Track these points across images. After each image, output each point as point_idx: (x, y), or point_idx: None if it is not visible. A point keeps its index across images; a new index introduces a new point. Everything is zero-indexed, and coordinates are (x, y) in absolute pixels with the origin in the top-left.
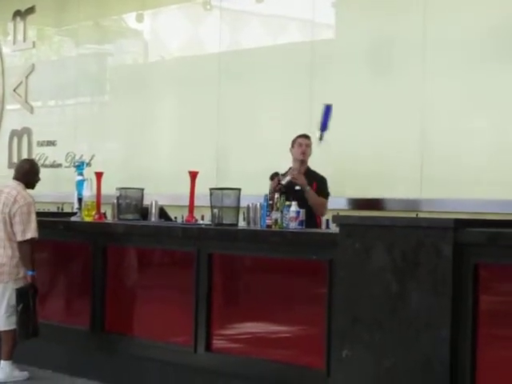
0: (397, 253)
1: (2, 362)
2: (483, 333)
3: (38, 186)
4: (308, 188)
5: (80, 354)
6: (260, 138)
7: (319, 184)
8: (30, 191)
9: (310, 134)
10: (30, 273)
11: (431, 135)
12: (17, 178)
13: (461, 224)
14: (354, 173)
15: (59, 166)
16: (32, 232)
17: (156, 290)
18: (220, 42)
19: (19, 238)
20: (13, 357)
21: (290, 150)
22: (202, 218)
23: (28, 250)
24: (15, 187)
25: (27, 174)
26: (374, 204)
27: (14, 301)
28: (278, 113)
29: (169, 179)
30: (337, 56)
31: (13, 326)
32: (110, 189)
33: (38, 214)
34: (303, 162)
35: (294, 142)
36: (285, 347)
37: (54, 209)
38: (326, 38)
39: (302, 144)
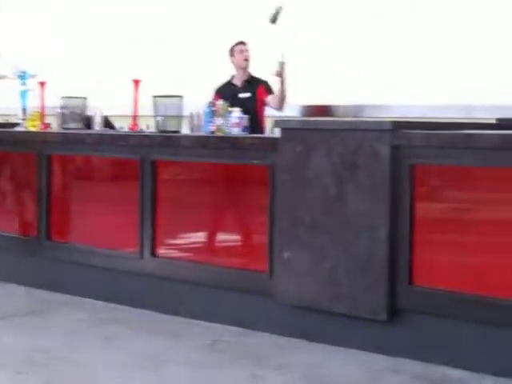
0: (336, 156)
1: None
2: (420, 232)
3: None
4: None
5: (27, 262)
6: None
7: (266, 86)
8: None
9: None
10: None
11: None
12: None
13: (398, 126)
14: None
15: (3, 77)
16: None
17: (101, 198)
18: None
19: None
20: None
21: (231, 60)
22: (148, 128)
23: None
24: None
25: None
26: (322, 111)
27: None
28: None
29: (115, 89)
30: None
31: None
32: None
33: None
34: (246, 68)
35: (232, 50)
36: (228, 252)
37: None
38: None
39: (242, 50)
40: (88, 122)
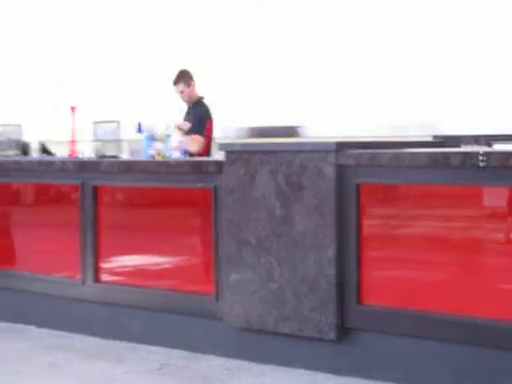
0: (281, 177)
1: None
2: (367, 251)
3: None
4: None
5: None
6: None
7: (195, 122)
8: None
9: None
10: None
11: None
12: None
13: (342, 146)
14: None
15: None
16: None
17: (43, 224)
18: None
19: None
20: None
21: None
22: (82, 153)
23: None
24: None
25: None
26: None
27: None
28: None
29: (51, 115)
30: None
31: None
32: None
33: None
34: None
35: None
36: (174, 275)
37: None
38: None
39: (178, 92)
40: (24, 148)
